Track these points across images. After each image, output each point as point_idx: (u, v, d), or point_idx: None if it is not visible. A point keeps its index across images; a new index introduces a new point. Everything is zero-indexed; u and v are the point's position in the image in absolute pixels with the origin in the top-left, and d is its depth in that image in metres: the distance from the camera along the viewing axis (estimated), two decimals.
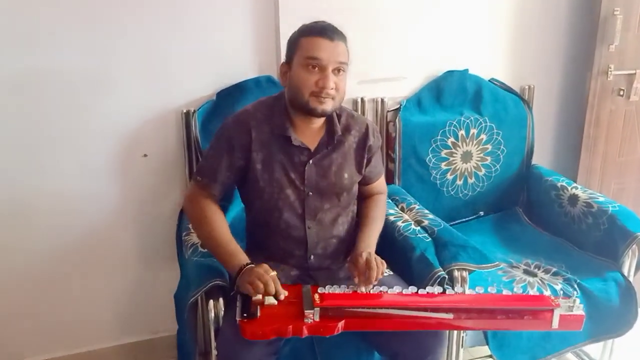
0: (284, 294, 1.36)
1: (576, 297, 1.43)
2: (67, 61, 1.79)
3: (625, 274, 1.82)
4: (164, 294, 1.85)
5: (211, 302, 1.47)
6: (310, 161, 1.54)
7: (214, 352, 1.47)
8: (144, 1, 1.82)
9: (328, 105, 1.46)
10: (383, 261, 1.48)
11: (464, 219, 2.21)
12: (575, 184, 2.08)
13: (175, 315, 1.71)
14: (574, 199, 2.01)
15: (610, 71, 2.18)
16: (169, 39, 1.87)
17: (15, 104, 1.79)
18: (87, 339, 2.09)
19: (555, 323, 1.39)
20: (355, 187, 1.64)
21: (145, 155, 1.95)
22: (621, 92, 2.21)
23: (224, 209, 1.69)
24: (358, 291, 1.41)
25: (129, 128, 1.91)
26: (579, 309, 1.40)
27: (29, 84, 1.79)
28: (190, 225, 1.75)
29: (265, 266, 1.40)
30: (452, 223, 2.08)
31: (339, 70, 1.45)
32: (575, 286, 1.75)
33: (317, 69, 1.43)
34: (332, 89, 1.44)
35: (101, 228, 1.97)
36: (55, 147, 1.86)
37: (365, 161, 1.61)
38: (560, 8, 2.25)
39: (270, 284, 1.34)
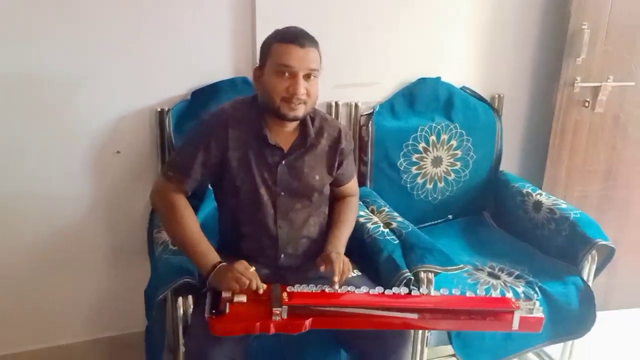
0: (263, 288, 1.42)
1: (536, 300, 1.48)
2: (41, 59, 1.79)
3: (585, 278, 1.89)
4: (134, 290, 1.85)
5: (180, 299, 1.49)
6: (283, 162, 1.57)
7: (182, 349, 1.49)
8: (120, 0, 1.82)
9: (300, 111, 1.49)
10: (349, 263, 1.52)
11: (433, 222, 2.25)
12: (540, 191, 2.14)
13: (144, 312, 1.71)
14: (538, 205, 2.07)
15: (577, 83, 2.24)
16: (145, 37, 1.87)
17: None
18: (57, 334, 2.08)
19: (516, 324, 1.44)
20: (327, 189, 1.67)
21: (118, 152, 1.95)
22: (586, 104, 2.28)
23: (196, 208, 1.71)
24: (326, 290, 1.45)
25: (103, 125, 1.91)
26: (539, 312, 1.46)
27: (0, 82, 1.77)
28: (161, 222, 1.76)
29: (245, 263, 1.43)
30: (421, 226, 2.12)
31: (309, 76, 1.47)
32: (537, 289, 1.81)
33: (287, 75, 1.46)
34: (303, 94, 1.46)
35: (73, 224, 1.97)
36: (27, 144, 1.85)
37: (337, 164, 1.64)
38: (530, 21, 2.32)
39: (254, 280, 1.40)
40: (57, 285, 2.02)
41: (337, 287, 1.45)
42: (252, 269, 1.43)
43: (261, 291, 1.41)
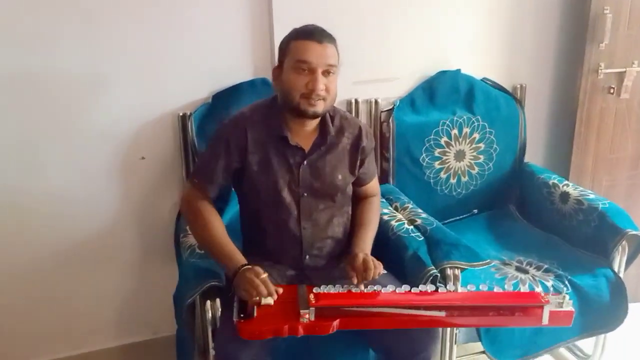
0: (276, 293, 1.39)
1: (566, 293, 1.46)
2: (64, 63, 1.81)
3: (616, 270, 1.86)
4: (163, 294, 1.87)
5: (208, 302, 1.50)
6: (305, 162, 1.57)
7: (212, 352, 1.50)
8: (141, 4, 1.84)
9: (319, 107, 1.49)
10: (379, 262, 1.51)
11: (457, 217, 2.23)
12: (566, 182, 2.10)
13: (174, 316, 1.73)
14: (565, 196, 2.03)
15: (601, 69, 2.20)
16: (165, 41, 1.89)
17: (11, 105, 1.81)
18: (87, 340, 2.11)
19: (546, 319, 1.42)
20: (350, 188, 1.67)
21: (142, 158, 1.97)
22: (611, 90, 2.23)
23: (221, 210, 1.72)
24: (353, 290, 1.44)
25: (126, 131, 1.93)
26: (569, 305, 1.43)
27: (26, 86, 1.80)
28: (187, 227, 1.77)
29: (257, 269, 1.41)
30: (446, 221, 2.11)
31: (328, 72, 1.47)
32: (566, 282, 1.79)
33: (306, 71, 1.46)
34: (322, 90, 1.46)
35: (100, 230, 2.00)
36: (52, 150, 1.88)
37: (358, 162, 1.64)
38: (551, 8, 2.28)
39: (261, 289, 1.36)
40: (84, 292, 2.05)
41: (362, 287, 1.45)
42: (264, 275, 1.39)
43: (275, 296, 1.38)
